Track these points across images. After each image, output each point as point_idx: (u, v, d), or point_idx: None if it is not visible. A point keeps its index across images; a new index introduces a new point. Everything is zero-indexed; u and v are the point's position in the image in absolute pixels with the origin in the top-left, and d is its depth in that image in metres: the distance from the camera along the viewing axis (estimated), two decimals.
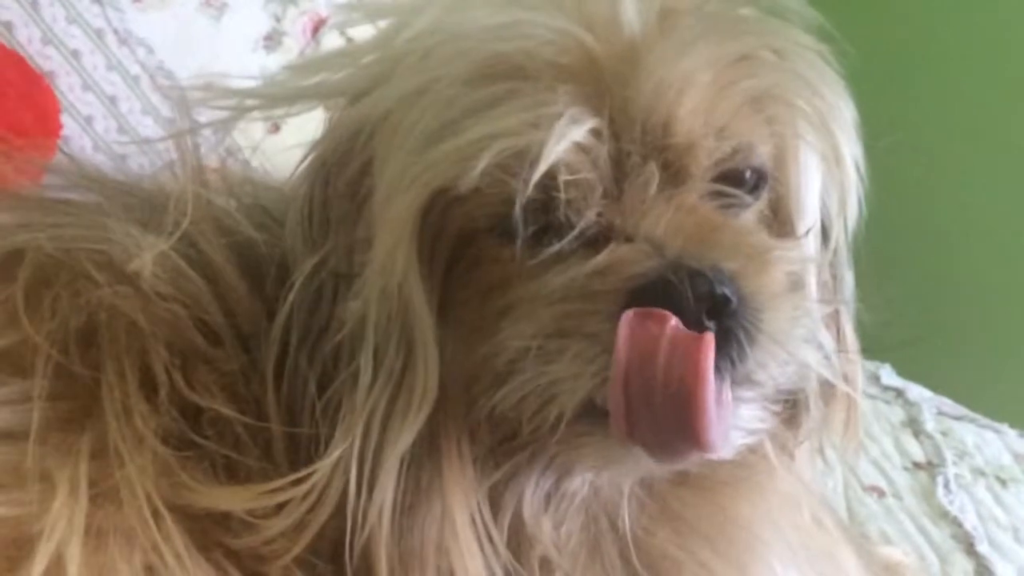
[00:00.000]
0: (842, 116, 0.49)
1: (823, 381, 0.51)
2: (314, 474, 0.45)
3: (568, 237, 0.44)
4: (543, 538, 0.49)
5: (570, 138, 0.42)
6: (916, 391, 1.14)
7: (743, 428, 0.47)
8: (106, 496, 0.44)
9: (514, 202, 0.43)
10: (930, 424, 1.05)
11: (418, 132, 0.45)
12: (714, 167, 0.47)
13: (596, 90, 0.43)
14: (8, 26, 0.82)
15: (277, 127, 0.85)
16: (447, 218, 0.46)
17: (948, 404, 1.12)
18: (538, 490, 0.49)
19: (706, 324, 0.41)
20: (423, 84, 0.45)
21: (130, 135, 0.86)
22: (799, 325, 0.45)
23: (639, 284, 0.42)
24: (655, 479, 0.51)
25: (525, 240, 0.45)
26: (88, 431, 0.45)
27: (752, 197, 0.48)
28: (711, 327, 0.41)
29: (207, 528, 0.45)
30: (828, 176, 0.51)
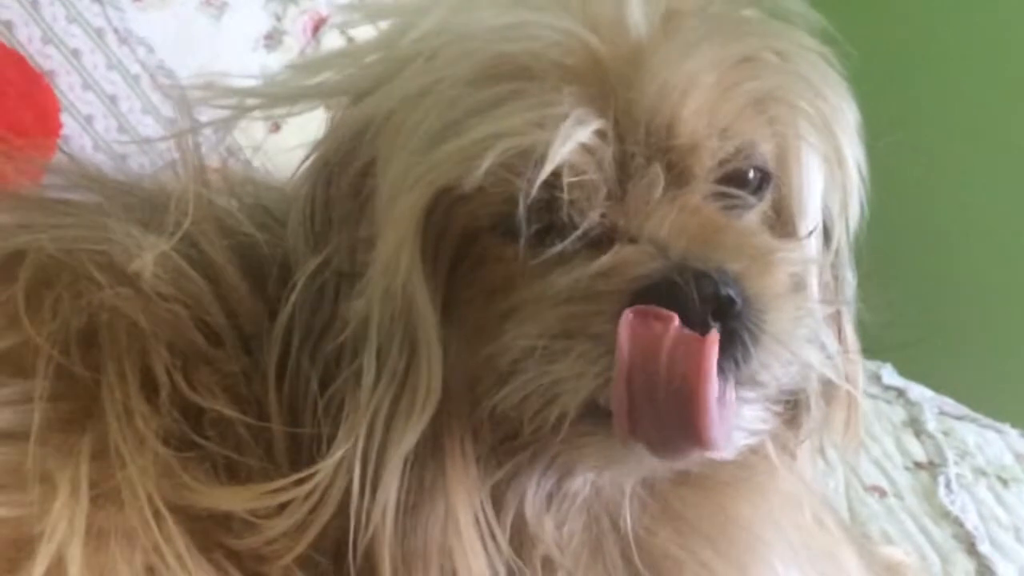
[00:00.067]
0: (844, 118, 0.49)
1: (824, 381, 0.51)
2: (316, 474, 0.45)
3: (571, 237, 0.44)
4: (545, 537, 0.49)
5: (575, 139, 0.42)
6: (917, 391, 1.14)
7: (745, 428, 0.47)
8: (107, 497, 0.44)
9: (518, 201, 0.43)
10: (931, 424, 1.05)
11: (422, 132, 0.44)
12: (717, 168, 0.47)
13: (600, 91, 0.43)
14: (8, 25, 0.81)
15: (278, 126, 0.85)
16: (451, 217, 0.46)
17: (949, 404, 1.12)
18: (540, 490, 0.49)
19: (711, 325, 0.41)
20: (427, 84, 0.45)
21: (130, 134, 0.86)
22: (802, 326, 0.45)
23: (644, 285, 0.42)
24: (657, 479, 0.51)
25: (528, 239, 0.45)
26: (89, 432, 0.45)
27: (755, 198, 0.48)
28: (716, 328, 0.41)
29: (208, 529, 0.45)
30: (830, 177, 0.51)
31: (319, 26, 0.98)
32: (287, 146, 0.57)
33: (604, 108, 0.43)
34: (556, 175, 0.43)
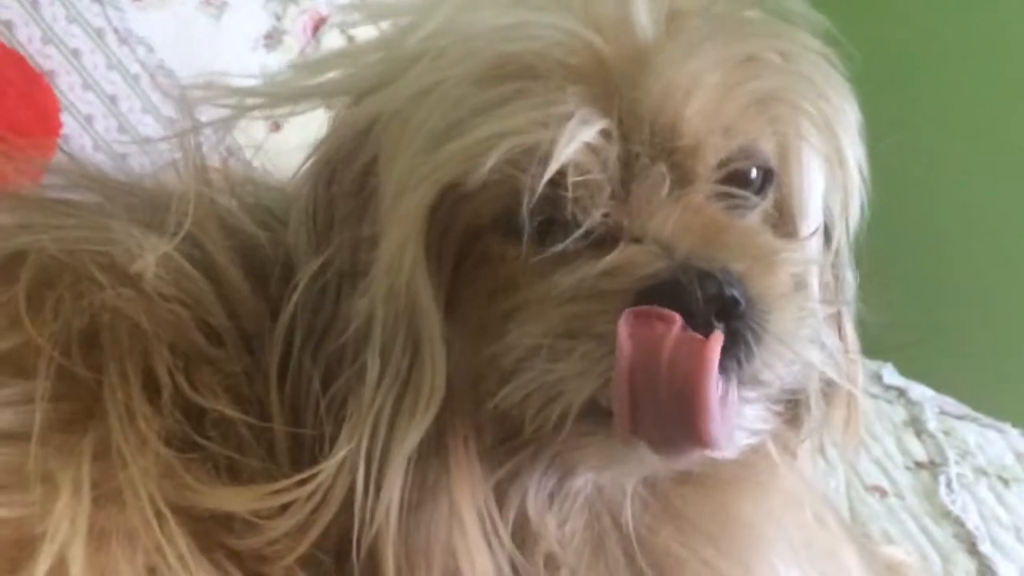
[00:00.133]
0: (846, 119, 0.49)
1: (825, 380, 0.51)
2: (318, 474, 0.45)
3: (574, 236, 0.44)
4: (548, 535, 0.49)
5: (580, 138, 0.42)
6: (918, 390, 1.13)
7: (747, 428, 0.47)
8: (109, 497, 0.44)
9: (521, 199, 0.43)
10: (932, 423, 1.05)
11: (426, 131, 0.44)
12: (720, 168, 0.47)
13: (604, 91, 0.43)
14: (8, 25, 0.81)
15: (278, 126, 0.85)
16: (454, 215, 0.46)
17: (950, 403, 1.12)
18: (542, 489, 0.49)
19: (715, 325, 0.41)
20: (432, 83, 0.45)
21: (130, 134, 0.86)
22: (805, 325, 0.45)
23: (649, 285, 0.42)
24: (658, 478, 0.51)
25: (530, 238, 0.45)
26: (91, 432, 0.45)
27: (758, 197, 0.48)
28: (720, 328, 0.41)
29: (210, 529, 0.45)
30: (831, 177, 0.51)
31: (319, 26, 0.98)
32: (287, 147, 0.57)
33: (608, 108, 0.43)
34: (560, 174, 0.43)
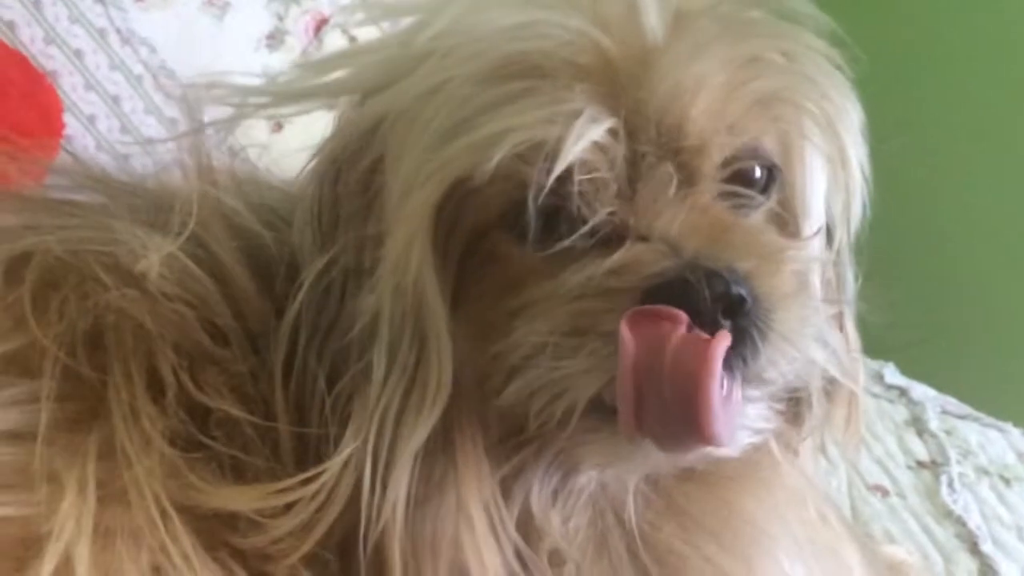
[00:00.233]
0: (849, 119, 0.49)
1: (827, 379, 0.51)
2: (323, 473, 0.45)
3: (580, 232, 0.44)
4: (552, 531, 0.49)
5: (589, 137, 0.42)
6: (920, 390, 1.14)
7: (750, 427, 0.47)
8: (114, 497, 0.44)
9: (527, 196, 0.43)
10: (934, 423, 1.05)
11: (434, 129, 0.45)
12: (725, 167, 0.47)
13: (611, 91, 0.44)
14: (11, 26, 0.82)
15: (280, 126, 0.85)
16: (461, 212, 0.46)
17: (952, 403, 1.12)
18: (545, 486, 0.49)
19: (721, 323, 0.41)
20: (439, 82, 0.45)
21: (133, 135, 0.86)
22: (809, 324, 0.45)
23: (656, 283, 0.42)
24: (661, 475, 0.51)
25: (536, 236, 0.45)
26: (95, 432, 0.45)
27: (763, 197, 0.48)
28: (726, 326, 0.41)
29: (214, 528, 0.45)
30: (833, 178, 0.51)
31: (321, 26, 0.99)
32: (289, 147, 0.57)
33: (615, 107, 0.43)
34: (567, 172, 0.43)
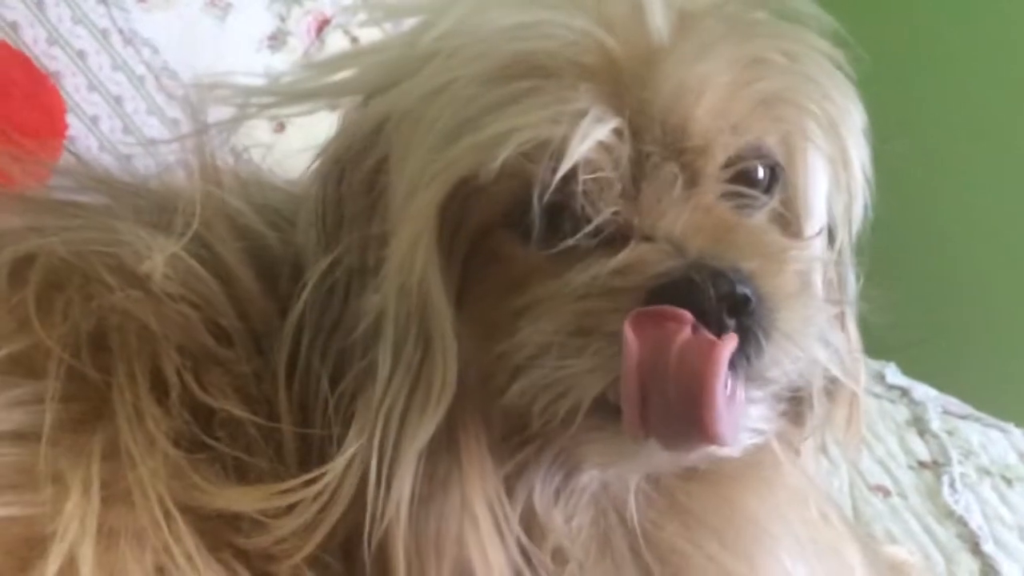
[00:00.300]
0: (851, 119, 0.49)
1: (828, 378, 0.51)
2: (326, 474, 0.45)
3: (584, 231, 0.44)
4: (555, 529, 0.49)
5: (594, 136, 0.42)
6: (921, 390, 1.13)
7: (752, 428, 0.47)
8: (118, 497, 0.44)
9: (531, 194, 0.43)
10: (935, 423, 1.05)
11: (438, 129, 0.45)
12: (728, 167, 0.47)
13: (615, 91, 0.44)
14: (14, 26, 0.82)
15: (282, 127, 0.85)
16: (466, 212, 0.46)
17: (954, 403, 1.12)
18: (547, 484, 0.49)
19: (726, 322, 0.42)
20: (444, 82, 0.45)
21: (135, 135, 0.86)
22: (812, 323, 0.45)
23: (661, 283, 0.42)
24: (663, 474, 0.51)
25: (540, 235, 0.45)
26: (100, 433, 0.45)
27: (766, 197, 0.49)
28: (731, 325, 0.42)
29: (217, 528, 0.46)
30: (835, 178, 0.51)
31: (323, 27, 0.99)
32: (291, 148, 0.57)
33: (620, 107, 0.44)
34: (572, 171, 0.43)
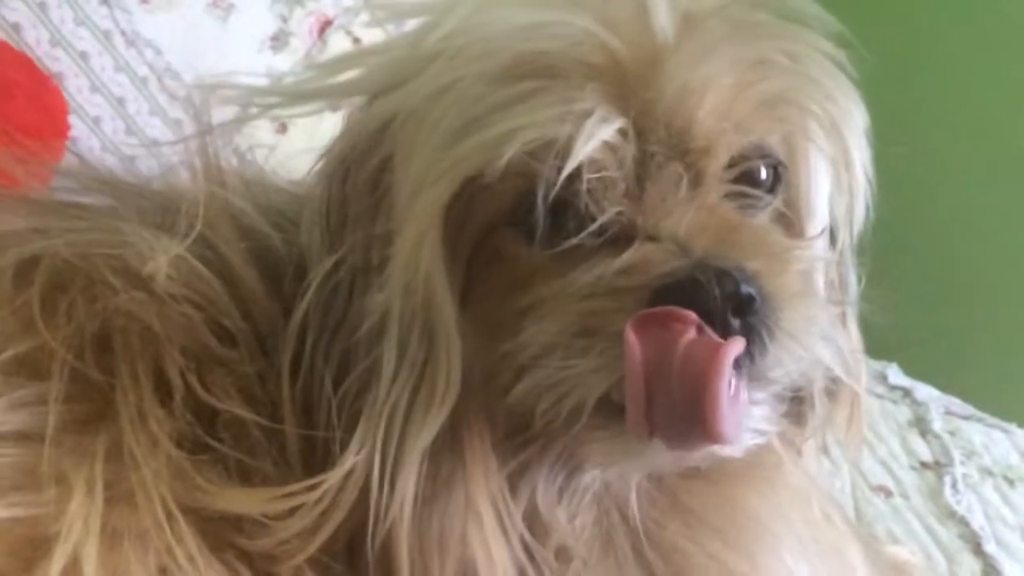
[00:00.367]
0: (853, 120, 0.49)
1: (830, 378, 0.51)
2: (329, 478, 0.45)
3: (587, 231, 0.44)
4: (558, 528, 0.49)
5: (600, 136, 0.43)
6: (923, 390, 1.13)
7: (754, 429, 0.47)
8: (121, 498, 0.44)
9: (536, 194, 0.43)
10: (937, 424, 1.05)
11: (444, 128, 0.45)
12: (731, 167, 0.47)
13: (621, 91, 0.44)
14: (16, 28, 0.82)
15: (284, 128, 0.86)
16: (470, 211, 0.46)
17: (956, 403, 1.12)
18: (550, 484, 0.49)
19: (731, 322, 0.42)
20: (449, 82, 0.45)
21: (138, 136, 0.86)
22: (815, 323, 0.46)
23: (666, 283, 0.42)
24: (665, 473, 0.51)
25: (544, 234, 0.45)
26: (103, 434, 0.45)
27: (769, 197, 0.49)
28: (736, 325, 0.42)
29: (220, 530, 0.46)
30: (837, 179, 0.51)
31: (325, 27, 0.99)
32: (293, 149, 0.57)
33: (625, 107, 0.44)
34: (577, 171, 0.43)
